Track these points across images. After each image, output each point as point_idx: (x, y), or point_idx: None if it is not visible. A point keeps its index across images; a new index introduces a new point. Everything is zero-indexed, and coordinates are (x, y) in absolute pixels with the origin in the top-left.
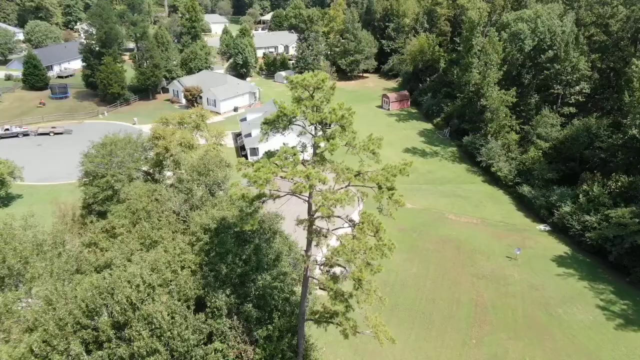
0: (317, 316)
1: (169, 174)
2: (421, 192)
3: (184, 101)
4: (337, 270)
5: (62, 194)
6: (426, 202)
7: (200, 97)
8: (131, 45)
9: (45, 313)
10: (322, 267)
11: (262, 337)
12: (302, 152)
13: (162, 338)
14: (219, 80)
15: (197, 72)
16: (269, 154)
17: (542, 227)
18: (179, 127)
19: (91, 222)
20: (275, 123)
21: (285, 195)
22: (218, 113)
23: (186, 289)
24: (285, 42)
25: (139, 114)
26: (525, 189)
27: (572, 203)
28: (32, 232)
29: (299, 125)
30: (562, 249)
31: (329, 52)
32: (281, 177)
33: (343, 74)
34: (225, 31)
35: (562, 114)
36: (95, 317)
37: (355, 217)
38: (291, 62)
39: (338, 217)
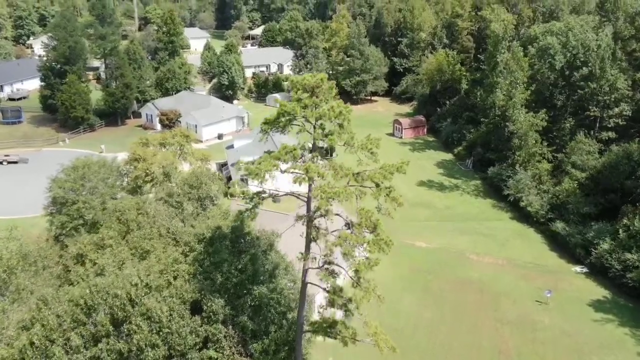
0: (315, 326)
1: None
2: (438, 230)
3: (159, 127)
4: (335, 268)
5: (22, 228)
6: (444, 240)
7: (179, 122)
8: (95, 63)
9: (41, 311)
10: (321, 266)
11: (258, 351)
12: (302, 154)
13: (161, 333)
14: (201, 103)
15: (175, 93)
16: (269, 152)
17: (578, 268)
18: (161, 148)
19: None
20: (276, 122)
21: (284, 195)
22: (199, 140)
23: (182, 292)
24: (279, 60)
25: (106, 142)
26: (559, 226)
27: (612, 240)
28: (15, 244)
29: (296, 125)
30: (600, 292)
31: (330, 72)
32: (281, 171)
33: (348, 97)
34: (208, 47)
35: (600, 140)
36: (93, 314)
37: (354, 218)
38: (286, 83)
39: (337, 215)
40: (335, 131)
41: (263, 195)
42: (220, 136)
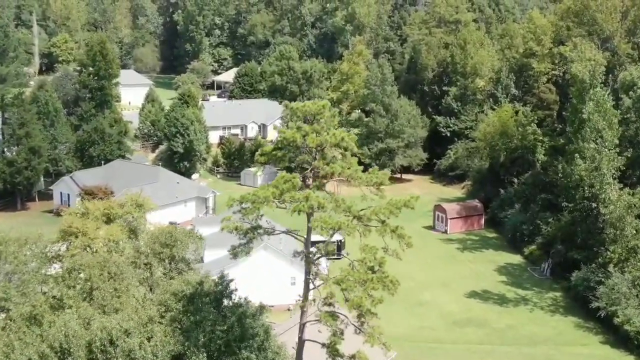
0: None
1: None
2: (494, 357)
3: None
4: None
5: None
6: None
7: None
8: None
9: (9, 356)
10: (320, 307)
11: None
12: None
13: None
14: (144, 177)
15: (105, 163)
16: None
17: None
18: (104, 220)
19: None
20: (273, 153)
21: (280, 233)
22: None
23: (163, 343)
24: (261, 118)
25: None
26: None
27: None
28: None
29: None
30: None
31: None
32: (277, 205)
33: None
34: (151, 99)
35: None
36: (69, 359)
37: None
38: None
39: (339, 254)
40: (338, 164)
41: (258, 231)
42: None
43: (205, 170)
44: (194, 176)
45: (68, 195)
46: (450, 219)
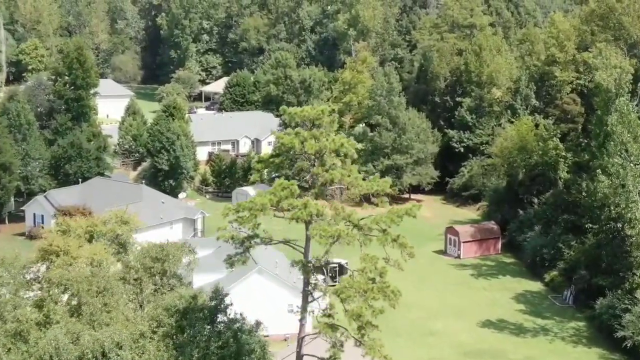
0: None
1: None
2: None
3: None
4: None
5: None
6: None
7: None
8: None
9: None
10: (319, 318)
11: None
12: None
13: None
14: (126, 196)
15: (82, 181)
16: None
17: None
18: (87, 238)
19: None
20: (271, 160)
21: (277, 243)
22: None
23: (157, 357)
24: (254, 133)
25: None
26: None
27: None
28: None
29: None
30: None
31: None
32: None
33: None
34: (132, 111)
35: None
36: None
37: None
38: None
39: (338, 263)
40: (338, 170)
41: (255, 240)
42: None
43: (193, 189)
44: (181, 195)
45: (42, 216)
46: (464, 242)
